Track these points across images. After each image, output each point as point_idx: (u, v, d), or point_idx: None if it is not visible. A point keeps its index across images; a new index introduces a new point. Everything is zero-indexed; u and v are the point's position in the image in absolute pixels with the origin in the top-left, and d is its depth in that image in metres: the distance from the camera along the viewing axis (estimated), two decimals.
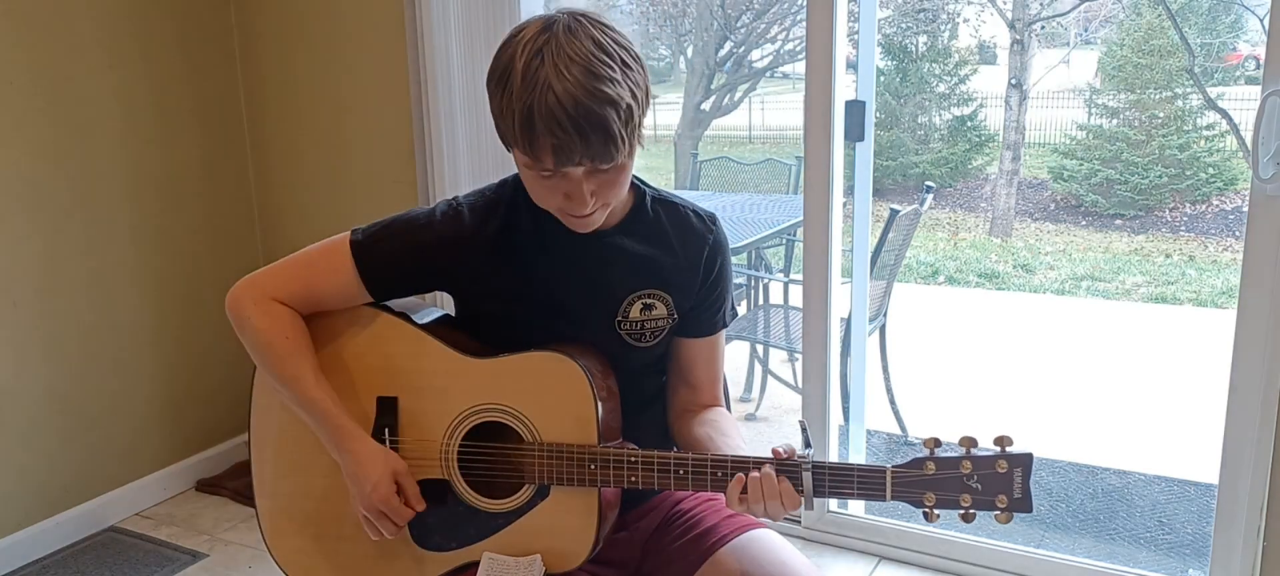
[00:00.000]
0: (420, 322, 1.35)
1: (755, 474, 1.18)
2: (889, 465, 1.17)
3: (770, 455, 1.19)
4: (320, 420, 1.30)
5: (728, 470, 1.21)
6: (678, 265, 1.35)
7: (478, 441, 1.31)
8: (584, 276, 1.32)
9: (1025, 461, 1.15)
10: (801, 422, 1.28)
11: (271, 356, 1.31)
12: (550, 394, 1.27)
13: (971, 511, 1.16)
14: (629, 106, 1.15)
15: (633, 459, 1.24)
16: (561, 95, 1.11)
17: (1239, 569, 2.02)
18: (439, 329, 1.35)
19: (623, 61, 1.16)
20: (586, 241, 1.29)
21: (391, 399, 1.32)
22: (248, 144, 3.01)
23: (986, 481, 1.15)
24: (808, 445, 1.21)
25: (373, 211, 1.38)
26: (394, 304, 1.38)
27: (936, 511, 1.17)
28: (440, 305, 1.46)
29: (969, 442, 1.16)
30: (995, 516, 1.16)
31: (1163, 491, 3.22)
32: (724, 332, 1.44)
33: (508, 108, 1.15)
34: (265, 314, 1.31)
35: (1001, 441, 1.16)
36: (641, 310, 1.34)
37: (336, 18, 2.75)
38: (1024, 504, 1.15)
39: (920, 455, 1.17)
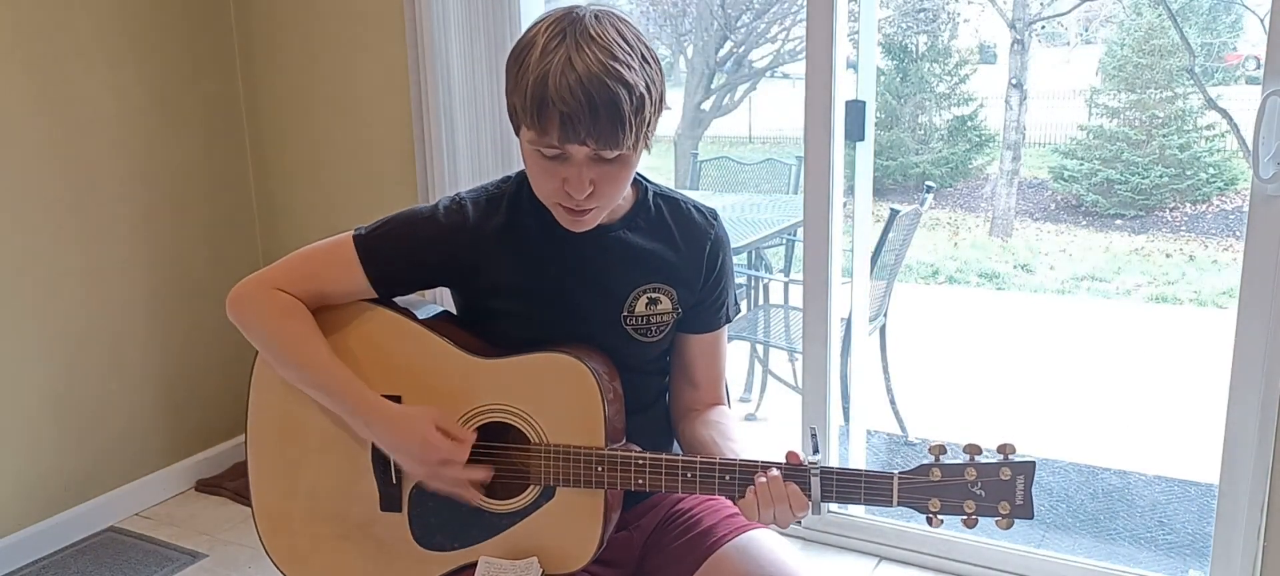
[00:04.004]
0: (423, 320, 1.34)
1: (762, 478, 1.19)
2: (896, 471, 1.18)
3: (777, 459, 1.20)
4: (342, 398, 1.29)
5: (736, 474, 1.21)
6: (681, 260, 1.35)
7: (483, 442, 1.31)
8: (589, 271, 1.32)
9: (1028, 469, 1.16)
10: (811, 430, 1.28)
11: (282, 344, 1.31)
12: (557, 395, 1.27)
13: (975, 517, 1.18)
14: (642, 96, 1.16)
15: (640, 461, 1.24)
16: (578, 68, 1.12)
17: (1239, 569, 2.02)
18: (443, 326, 1.35)
19: (642, 56, 1.18)
20: (590, 236, 1.29)
21: (395, 398, 1.32)
22: (248, 144, 3.01)
23: (990, 488, 1.17)
24: (815, 451, 1.21)
25: (373, 211, 1.38)
26: (397, 301, 1.37)
27: (940, 517, 1.18)
28: (441, 302, 1.46)
29: (973, 449, 1.17)
30: (997, 522, 1.17)
31: (1163, 491, 3.22)
32: (726, 330, 1.44)
33: (522, 79, 1.16)
34: (270, 303, 1.31)
35: (1005, 448, 1.17)
36: (646, 304, 1.34)
37: (336, 17, 2.75)
38: (1026, 511, 1.16)
39: (926, 461, 1.18)
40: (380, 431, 1.29)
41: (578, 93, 1.12)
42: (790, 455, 1.20)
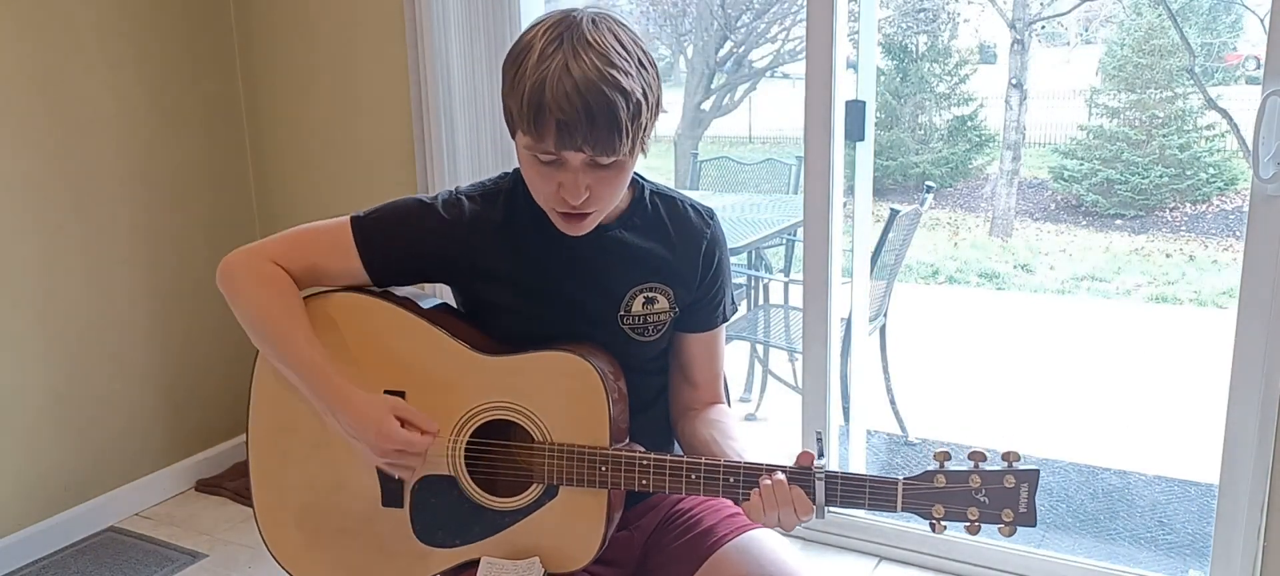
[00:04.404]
0: (428, 316, 1.34)
1: (767, 481, 1.19)
2: (900, 477, 1.18)
3: (780, 461, 1.20)
4: (311, 379, 1.28)
5: (740, 476, 1.22)
6: (677, 259, 1.35)
7: (486, 439, 1.31)
8: (586, 270, 1.32)
9: (1032, 477, 1.16)
10: (816, 433, 1.28)
11: (263, 317, 1.30)
12: (563, 394, 1.27)
13: (978, 525, 1.18)
14: (639, 103, 1.16)
15: (644, 461, 1.24)
16: (575, 75, 1.12)
17: (1239, 569, 2.02)
18: (448, 322, 1.35)
19: (639, 61, 1.18)
20: (587, 235, 1.28)
21: (399, 393, 1.32)
22: (248, 144, 3.01)
23: (994, 496, 1.17)
24: (821, 455, 1.21)
25: None
26: (401, 294, 1.37)
27: (944, 523, 1.18)
28: (440, 297, 1.45)
29: (978, 456, 1.17)
30: (1000, 530, 1.17)
31: (1163, 491, 3.22)
32: (724, 328, 1.44)
33: (519, 84, 1.15)
34: (258, 274, 1.30)
35: (1010, 456, 1.17)
36: (644, 304, 1.34)
37: (336, 17, 2.76)
38: (1029, 519, 1.17)
39: (930, 468, 1.18)
40: (342, 419, 1.27)
41: (574, 100, 1.12)
42: (804, 456, 1.20)
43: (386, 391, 1.32)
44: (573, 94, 1.11)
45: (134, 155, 2.71)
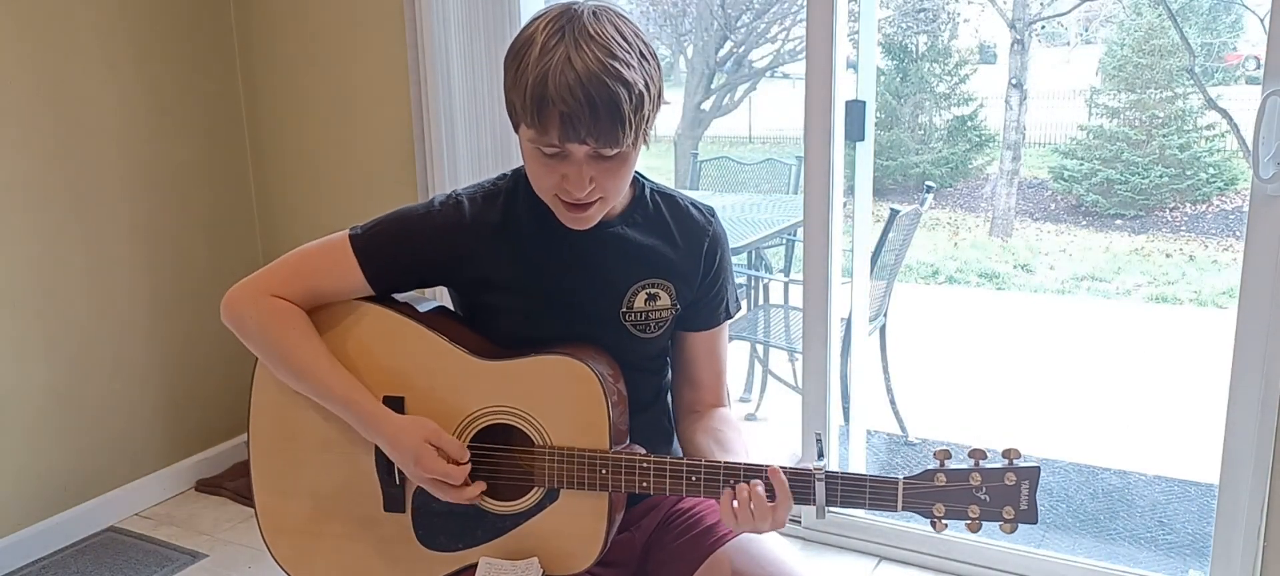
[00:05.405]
0: (426, 321, 1.34)
1: (738, 483, 1.20)
2: (901, 477, 1.18)
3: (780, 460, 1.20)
4: (345, 406, 1.29)
5: (740, 477, 1.22)
6: (679, 256, 1.35)
7: (486, 443, 1.31)
8: (587, 267, 1.32)
9: (1033, 475, 1.16)
10: (816, 435, 1.29)
11: (280, 351, 1.30)
12: (562, 397, 1.27)
13: (979, 522, 1.18)
14: (641, 94, 1.16)
15: (644, 464, 1.24)
16: (578, 67, 1.12)
17: (1239, 569, 2.02)
18: (446, 326, 1.34)
19: (641, 53, 1.18)
20: (589, 232, 1.28)
21: (397, 399, 1.32)
22: (248, 144, 3.01)
23: (995, 493, 1.17)
24: (821, 456, 1.21)
25: (372, 211, 1.38)
26: (398, 300, 1.37)
27: (945, 521, 1.18)
28: (439, 301, 1.45)
29: (978, 454, 1.17)
30: (1001, 527, 1.17)
31: (1163, 491, 3.22)
32: (726, 327, 1.44)
33: (521, 78, 1.16)
34: (266, 309, 1.30)
35: (1010, 453, 1.17)
36: (645, 300, 1.34)
37: (336, 17, 2.76)
38: (1030, 515, 1.17)
39: (930, 466, 1.18)
40: (381, 443, 1.29)
41: (577, 92, 1.12)
42: (772, 472, 1.20)
43: (386, 398, 1.32)
44: (575, 86, 1.12)
45: (134, 155, 2.71)
